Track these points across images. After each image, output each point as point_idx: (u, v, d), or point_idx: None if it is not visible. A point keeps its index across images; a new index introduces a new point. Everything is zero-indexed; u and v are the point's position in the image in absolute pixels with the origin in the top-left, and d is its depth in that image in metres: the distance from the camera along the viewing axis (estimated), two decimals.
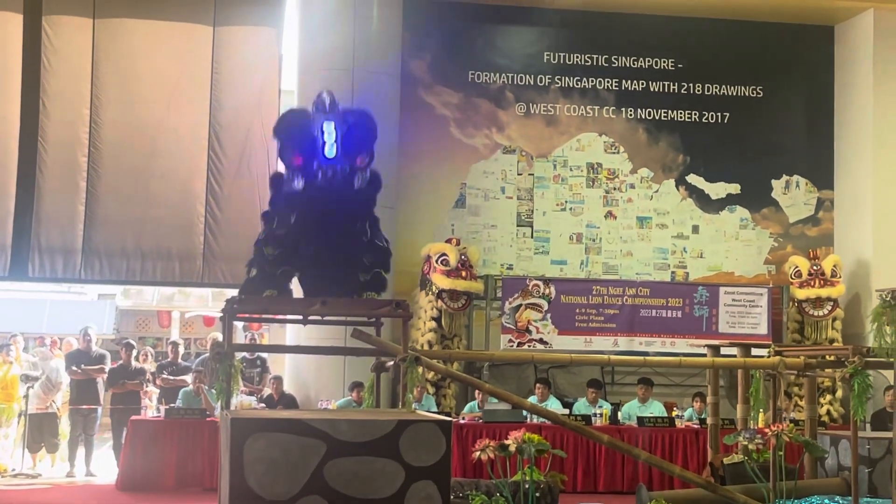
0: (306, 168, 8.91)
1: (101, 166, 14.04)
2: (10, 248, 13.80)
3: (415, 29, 15.04)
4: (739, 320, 14.51)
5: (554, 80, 15.50)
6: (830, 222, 15.88)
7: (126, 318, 22.79)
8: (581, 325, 14.25)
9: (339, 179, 8.95)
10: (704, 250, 15.65)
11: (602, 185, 15.52)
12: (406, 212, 14.75)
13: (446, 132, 15.23)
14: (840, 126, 15.86)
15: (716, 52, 15.79)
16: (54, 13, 14.05)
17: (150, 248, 14.10)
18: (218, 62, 14.37)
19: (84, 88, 14.04)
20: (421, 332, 13.78)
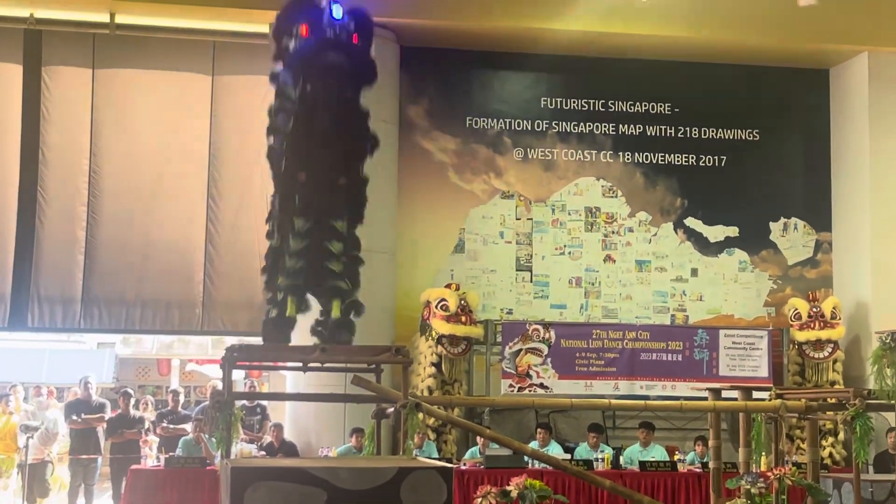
0: (314, 30, 9.33)
1: (100, 215, 14.09)
2: (9, 299, 13.82)
3: (412, 75, 15.11)
4: (740, 363, 14.49)
5: (551, 125, 15.56)
6: (829, 264, 15.90)
7: (126, 366, 22.75)
8: (581, 370, 14.22)
9: (345, 37, 9.37)
10: (704, 293, 15.64)
11: (600, 229, 15.55)
12: (405, 257, 14.77)
13: (444, 178, 15.27)
14: (837, 168, 15.92)
15: (712, 96, 15.87)
16: (54, 64, 14.15)
17: (150, 297, 14.12)
18: (216, 111, 14.46)
19: (83, 138, 14.11)
20: (421, 378, 13.75)
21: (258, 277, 12.64)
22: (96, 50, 14.20)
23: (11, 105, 14.05)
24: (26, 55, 14.08)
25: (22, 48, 14.06)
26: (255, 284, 13.80)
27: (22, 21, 13.97)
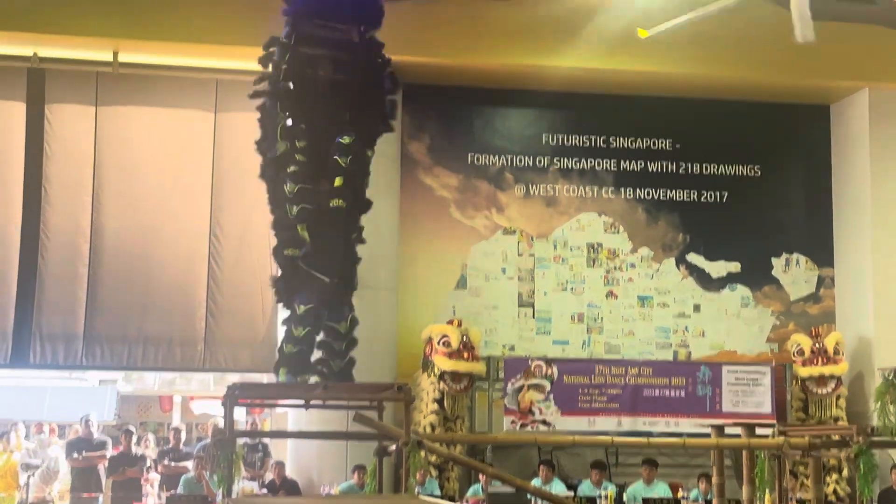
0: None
1: (102, 252, 14.11)
2: (11, 336, 13.81)
3: (414, 112, 15.17)
4: (743, 399, 14.44)
5: (553, 161, 15.59)
6: (831, 300, 15.88)
7: (127, 403, 22.67)
8: (584, 406, 14.17)
9: None
10: (706, 329, 15.61)
11: (602, 264, 15.54)
12: (407, 293, 14.76)
13: (446, 214, 15.28)
14: (838, 204, 15.93)
15: (713, 131, 15.90)
16: (57, 102, 14.22)
17: (152, 334, 14.11)
18: (219, 147, 14.51)
19: (86, 175, 14.15)
20: (423, 415, 13.70)
21: (260, 314, 12.76)
22: (99, 88, 14.27)
23: (15, 143, 14.10)
24: (30, 93, 14.15)
25: (26, 86, 14.14)
26: (256, 321, 13.84)
27: (26, 60, 14.04)
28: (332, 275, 10.74)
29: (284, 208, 10.82)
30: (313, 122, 10.57)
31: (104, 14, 13.48)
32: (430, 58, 14.45)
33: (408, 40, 14.14)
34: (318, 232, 10.63)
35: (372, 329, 12.57)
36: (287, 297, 10.86)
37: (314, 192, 10.66)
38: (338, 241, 10.77)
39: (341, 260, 10.83)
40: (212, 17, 13.74)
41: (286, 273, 10.85)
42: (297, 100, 10.65)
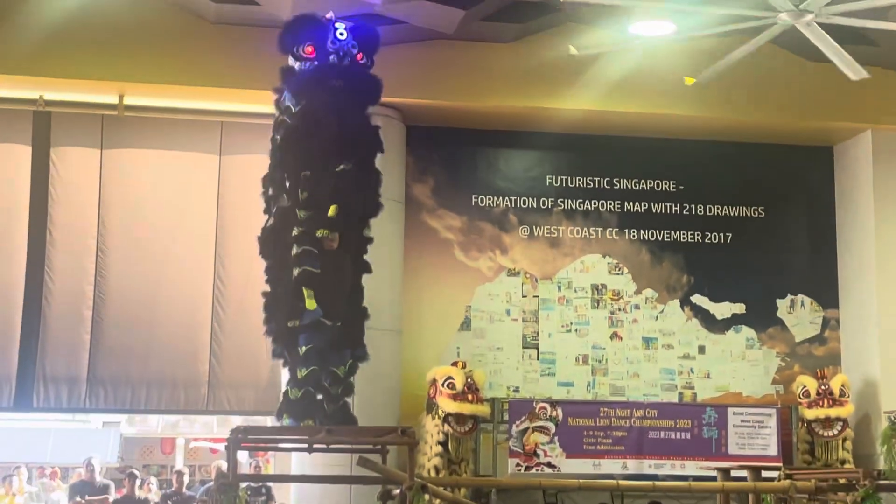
0: (319, 55, 9.73)
1: (106, 295, 14.11)
2: (14, 379, 13.77)
3: (418, 154, 15.21)
4: (749, 441, 14.38)
5: (557, 202, 15.61)
6: (837, 341, 15.83)
7: (131, 445, 22.64)
8: (589, 448, 14.11)
9: (349, 60, 9.73)
10: (711, 371, 15.56)
11: (607, 306, 15.52)
12: (411, 335, 14.73)
13: (451, 255, 15.28)
14: (842, 245, 15.92)
15: (716, 173, 15.93)
16: (62, 145, 14.26)
17: (155, 376, 14.08)
18: (223, 190, 14.54)
19: (91, 218, 14.18)
20: (427, 457, 13.64)
21: (264, 357, 12.74)
22: (105, 131, 14.33)
23: (20, 186, 14.14)
24: (35, 136, 14.20)
25: (31, 130, 14.18)
26: (260, 364, 13.81)
27: (31, 103, 14.11)
28: (335, 318, 10.74)
29: (281, 276, 10.82)
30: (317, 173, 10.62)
31: (110, 58, 13.56)
32: (435, 100, 14.51)
33: (412, 83, 14.23)
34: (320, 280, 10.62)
35: (376, 370, 12.54)
36: (284, 352, 10.86)
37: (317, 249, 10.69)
38: (340, 285, 10.76)
39: (343, 303, 10.82)
40: (216, 60, 13.82)
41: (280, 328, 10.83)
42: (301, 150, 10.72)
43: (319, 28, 10.36)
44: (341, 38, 10.15)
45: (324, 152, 10.63)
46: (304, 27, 10.52)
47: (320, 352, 10.64)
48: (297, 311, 10.60)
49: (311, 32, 10.48)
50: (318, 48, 10.41)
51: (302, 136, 10.68)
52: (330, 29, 10.42)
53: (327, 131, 10.38)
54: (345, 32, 10.13)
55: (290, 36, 10.74)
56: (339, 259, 10.86)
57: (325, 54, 10.33)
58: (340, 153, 10.65)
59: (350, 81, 10.42)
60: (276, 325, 10.87)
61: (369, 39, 10.71)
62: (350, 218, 10.98)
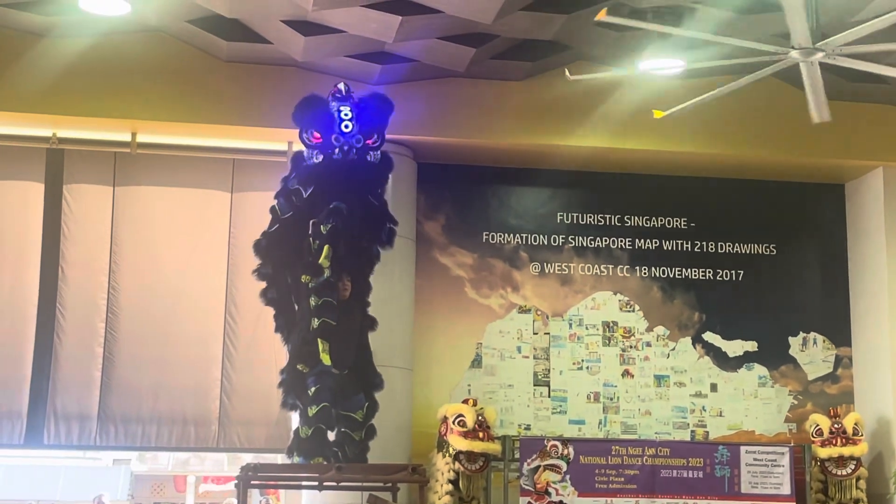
0: (325, 144, 9.79)
1: (118, 332, 14.12)
2: (25, 416, 13.76)
3: (429, 191, 15.23)
4: (762, 480, 14.27)
5: (567, 239, 15.61)
6: (850, 379, 15.75)
7: (141, 483, 22.58)
8: (601, 487, 14.02)
9: (355, 154, 9.79)
10: (724, 409, 15.48)
11: (618, 343, 15.48)
12: (422, 372, 14.70)
13: (461, 292, 15.27)
14: (854, 283, 15.88)
15: (728, 210, 15.92)
16: (75, 182, 14.32)
17: (166, 413, 14.05)
18: (235, 227, 14.56)
19: (103, 255, 14.21)
20: (438, 496, 13.57)
21: (275, 394, 12.71)
22: (117, 168, 14.38)
23: (33, 223, 14.18)
24: (48, 174, 14.26)
25: (44, 167, 14.25)
26: (271, 401, 13.76)
27: (44, 140, 14.18)
28: (342, 366, 10.80)
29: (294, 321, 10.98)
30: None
31: (122, 95, 13.66)
32: (446, 138, 14.56)
33: (423, 120, 14.29)
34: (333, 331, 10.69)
35: (386, 408, 12.52)
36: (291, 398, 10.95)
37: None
38: (349, 335, 10.83)
39: (352, 352, 10.88)
40: (229, 98, 13.90)
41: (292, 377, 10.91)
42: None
43: (327, 115, 10.42)
44: (346, 131, 10.22)
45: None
46: (312, 112, 10.61)
47: (331, 390, 10.67)
48: (311, 358, 10.66)
49: (317, 120, 10.58)
50: (323, 136, 10.49)
51: (311, 215, 10.78)
52: (336, 120, 10.48)
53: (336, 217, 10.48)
54: (350, 124, 10.19)
55: (299, 117, 10.83)
56: (349, 308, 10.94)
57: (331, 145, 10.40)
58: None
59: (355, 176, 10.49)
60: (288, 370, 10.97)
61: (380, 116, 10.74)
62: (360, 259, 11.07)
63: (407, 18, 12.24)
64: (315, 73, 13.79)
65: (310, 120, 10.55)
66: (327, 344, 10.66)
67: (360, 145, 10.24)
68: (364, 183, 10.71)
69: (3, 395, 13.76)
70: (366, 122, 10.57)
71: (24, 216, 14.21)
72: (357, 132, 10.28)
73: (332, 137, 10.20)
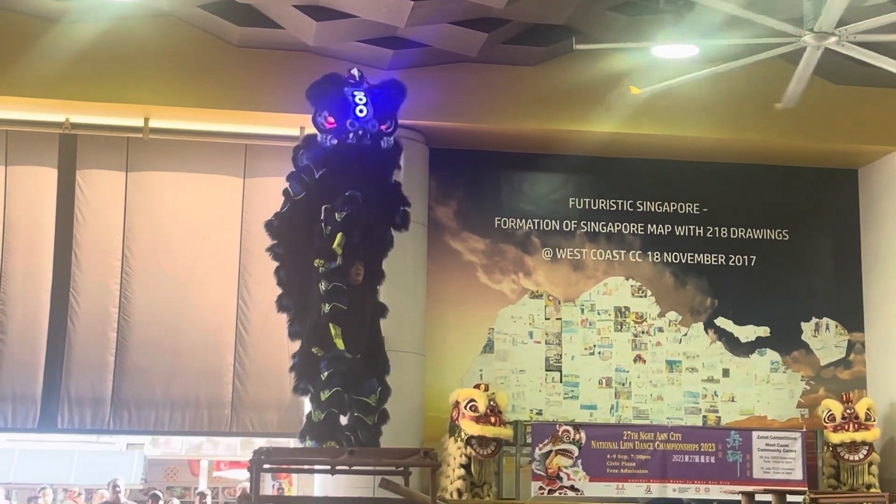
0: (339, 128, 9.71)
1: (131, 316, 14.17)
2: (39, 400, 13.84)
3: (441, 177, 15.23)
4: (774, 465, 14.28)
5: (580, 225, 15.60)
6: (862, 365, 15.73)
7: (155, 467, 22.68)
8: (612, 472, 14.04)
9: (369, 139, 9.72)
10: (736, 394, 15.48)
11: (630, 328, 15.48)
12: (434, 358, 14.72)
13: (473, 278, 15.28)
14: (867, 268, 15.84)
15: (740, 196, 15.88)
16: (88, 167, 14.36)
17: (179, 398, 14.11)
18: (247, 212, 14.58)
19: (116, 240, 14.26)
20: (450, 480, 13.62)
21: (287, 378, 12.74)
22: (130, 153, 14.42)
23: (46, 208, 14.24)
24: (61, 159, 14.31)
25: (57, 152, 14.29)
26: (284, 385, 13.81)
27: (57, 126, 14.21)
28: (355, 352, 10.81)
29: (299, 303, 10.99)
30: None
31: (135, 81, 13.68)
32: (458, 123, 14.56)
33: (435, 105, 14.28)
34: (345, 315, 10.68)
35: (398, 393, 12.53)
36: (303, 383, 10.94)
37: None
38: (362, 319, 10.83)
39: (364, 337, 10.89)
40: (241, 83, 13.92)
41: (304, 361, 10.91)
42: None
43: (341, 100, 10.34)
44: (361, 116, 10.18)
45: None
46: (327, 94, 10.53)
47: (343, 375, 10.68)
48: (324, 342, 10.67)
49: (333, 103, 10.48)
50: (338, 121, 10.41)
51: (322, 198, 10.76)
52: (351, 104, 10.42)
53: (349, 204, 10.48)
54: (364, 109, 10.14)
55: (313, 98, 10.75)
56: (362, 293, 10.95)
57: (345, 130, 10.35)
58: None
59: (369, 161, 10.46)
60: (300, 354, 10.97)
61: (394, 102, 10.70)
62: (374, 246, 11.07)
63: (419, 3, 12.23)
64: (327, 58, 13.79)
65: (325, 102, 10.51)
66: (339, 328, 10.67)
67: (374, 130, 10.20)
68: (377, 168, 10.68)
69: (18, 380, 13.84)
70: (380, 107, 10.55)
71: (38, 201, 14.26)
72: (371, 117, 10.25)
73: (346, 122, 10.17)
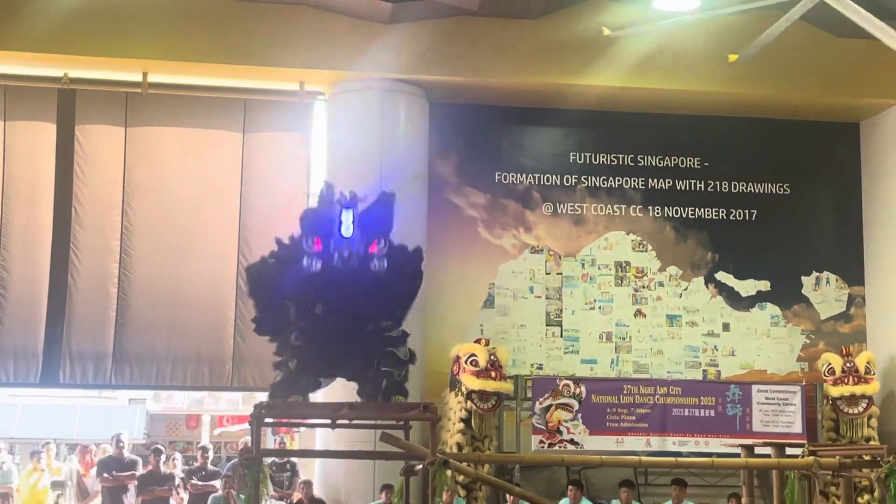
0: (324, 250, 9.02)
1: (131, 272, 14.19)
2: (41, 355, 13.90)
3: (442, 132, 15.17)
4: (773, 419, 14.35)
5: (580, 179, 15.56)
6: (862, 318, 15.75)
7: (156, 422, 22.75)
8: (612, 425, 14.11)
9: (356, 261, 9.01)
10: (736, 348, 15.51)
11: (631, 283, 15.49)
12: (435, 313, 14.72)
13: (474, 233, 15.27)
14: (868, 222, 15.82)
15: (741, 150, 15.83)
16: (87, 123, 14.33)
17: (180, 353, 14.16)
18: (247, 167, 14.56)
19: (115, 196, 14.25)
20: (451, 434, 13.68)
21: None
22: (129, 108, 14.37)
23: (45, 163, 14.21)
24: (60, 114, 14.27)
25: (56, 107, 14.24)
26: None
27: (56, 81, 14.16)
28: None
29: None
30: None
31: (134, 35, 13.61)
32: (458, 77, 14.49)
33: (435, 60, 14.22)
34: None
35: None
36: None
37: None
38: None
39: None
40: (240, 37, 13.85)
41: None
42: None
43: (326, 225, 9.48)
44: (346, 236, 9.35)
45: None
46: (313, 222, 9.60)
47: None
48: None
49: (318, 227, 9.58)
50: (324, 242, 9.56)
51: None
52: (336, 223, 9.50)
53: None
54: (350, 226, 9.29)
55: (307, 223, 9.75)
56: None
57: (329, 253, 9.49)
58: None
59: (355, 284, 9.47)
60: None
61: (385, 221, 9.73)
62: None
63: None
64: (325, 13, 13.73)
65: (312, 227, 9.50)
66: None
67: (363, 252, 9.28)
68: (365, 295, 9.60)
69: (19, 335, 13.89)
70: (367, 225, 9.50)
71: (37, 157, 14.24)
72: (357, 237, 9.31)
73: (330, 244, 9.27)
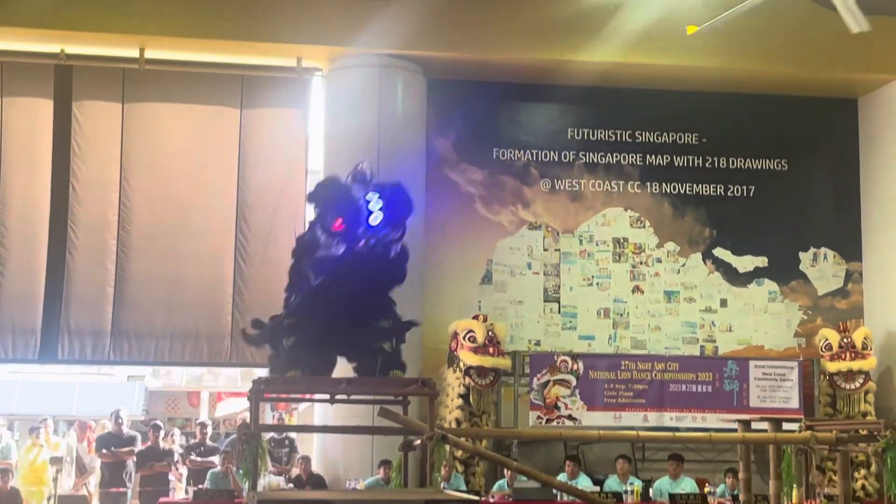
0: (349, 234, 8.88)
1: (130, 248, 14.19)
2: (39, 332, 13.91)
3: (439, 108, 15.15)
4: (770, 394, 14.39)
5: (578, 155, 15.56)
6: (860, 294, 15.77)
7: (155, 398, 22.82)
8: (610, 401, 14.16)
9: (380, 248, 8.98)
10: (733, 324, 15.54)
11: (628, 259, 15.50)
12: (433, 289, 14.73)
13: (472, 209, 15.27)
14: (866, 198, 15.82)
15: (739, 126, 15.82)
16: (84, 99, 14.29)
17: (179, 329, 14.17)
18: (245, 144, 14.54)
19: (113, 172, 14.23)
20: (449, 410, 13.72)
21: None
22: (126, 85, 14.34)
23: (42, 140, 14.19)
24: (57, 90, 14.23)
25: (53, 83, 14.21)
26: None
27: (53, 57, 14.13)
28: None
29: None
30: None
31: (131, 11, 13.58)
32: (456, 53, 14.46)
33: (433, 35, 14.18)
34: None
35: None
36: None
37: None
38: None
39: None
40: (238, 13, 13.81)
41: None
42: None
43: (351, 206, 9.18)
44: (374, 225, 9.17)
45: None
46: (337, 196, 9.26)
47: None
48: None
49: (344, 206, 9.25)
50: (348, 227, 9.29)
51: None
52: (363, 209, 9.26)
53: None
54: (379, 215, 9.12)
55: (320, 199, 9.40)
56: None
57: (355, 237, 9.24)
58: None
59: (376, 271, 9.32)
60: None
61: (403, 209, 9.60)
62: None
63: None
64: None
65: (334, 206, 9.16)
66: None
67: (387, 240, 9.15)
68: (382, 283, 9.55)
69: (18, 312, 13.90)
70: (391, 214, 9.35)
71: (34, 133, 14.21)
72: (384, 225, 9.18)
73: (357, 230, 9.10)
